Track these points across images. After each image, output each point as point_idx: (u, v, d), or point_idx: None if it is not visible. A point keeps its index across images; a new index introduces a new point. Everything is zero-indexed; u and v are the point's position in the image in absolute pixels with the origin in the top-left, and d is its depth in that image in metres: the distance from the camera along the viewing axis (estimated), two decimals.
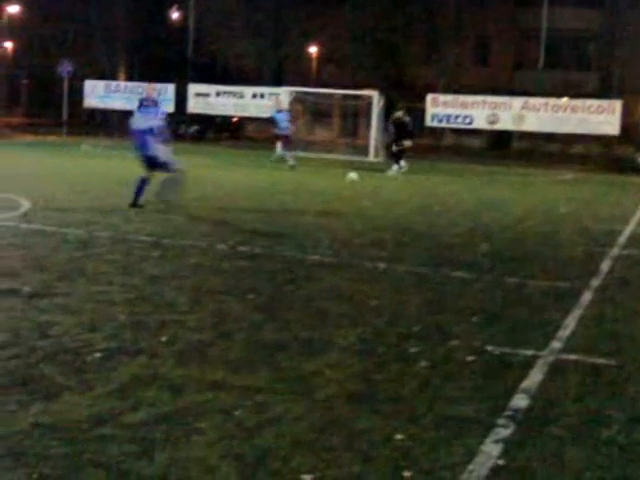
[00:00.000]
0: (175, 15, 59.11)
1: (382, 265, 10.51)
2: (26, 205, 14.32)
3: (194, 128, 45.83)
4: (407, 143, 28.52)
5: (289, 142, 29.13)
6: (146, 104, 15.55)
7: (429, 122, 40.81)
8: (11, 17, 48.34)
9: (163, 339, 6.77)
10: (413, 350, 6.85)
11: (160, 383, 5.72)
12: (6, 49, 49.88)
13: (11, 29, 48.69)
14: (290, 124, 29.15)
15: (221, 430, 4.98)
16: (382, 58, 50.16)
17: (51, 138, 39.91)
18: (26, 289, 8.24)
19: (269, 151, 32.99)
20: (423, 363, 6.52)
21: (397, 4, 49.96)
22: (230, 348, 6.65)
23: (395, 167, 27.92)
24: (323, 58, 55.83)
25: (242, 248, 11.24)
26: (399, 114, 28.80)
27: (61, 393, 5.46)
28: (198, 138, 44.51)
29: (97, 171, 21.53)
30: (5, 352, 6.24)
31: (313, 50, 55.88)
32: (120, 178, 18.98)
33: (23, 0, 48.41)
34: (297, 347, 6.78)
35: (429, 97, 40.80)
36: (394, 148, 28.65)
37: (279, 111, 29.52)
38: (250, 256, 10.77)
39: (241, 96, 42.02)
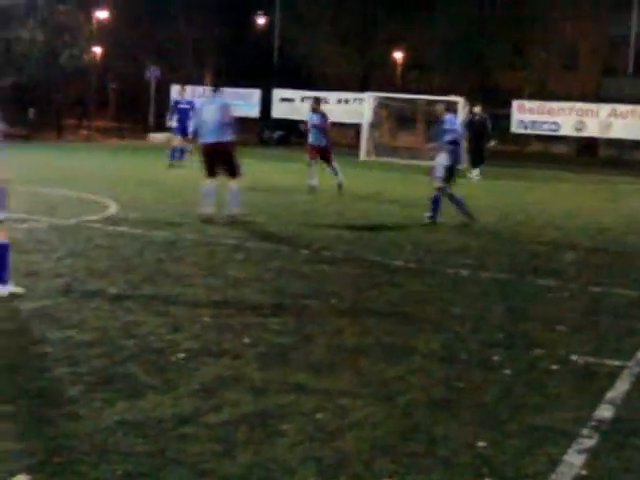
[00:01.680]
0: (261, 21, 59.60)
1: (466, 272, 10.43)
2: (113, 207, 14.58)
3: (278, 133, 46.12)
4: (493, 143, 28.34)
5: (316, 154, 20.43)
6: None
7: (515, 128, 40.38)
8: (100, 22, 49.25)
9: (246, 341, 6.82)
10: (496, 358, 6.79)
11: (243, 384, 5.77)
12: (95, 54, 50.86)
13: (100, 34, 49.62)
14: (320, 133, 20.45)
15: (303, 433, 5.01)
16: (469, 64, 49.81)
17: (138, 142, 40.55)
18: (113, 290, 8.40)
19: (353, 157, 33.02)
20: (506, 371, 6.45)
21: (485, 9, 49.64)
22: (312, 351, 6.68)
23: (476, 171, 27.34)
24: (408, 64, 55.68)
25: (325, 253, 11.27)
26: (477, 109, 28.49)
27: (145, 392, 5.55)
28: (282, 143, 44.77)
29: (182, 174, 21.78)
30: (92, 350, 6.37)
31: (398, 56, 55.77)
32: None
33: (112, 5, 49.28)
34: (379, 352, 6.77)
35: (515, 103, 40.37)
36: (489, 145, 28.23)
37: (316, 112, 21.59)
38: (333, 261, 10.79)
39: (326, 102, 42.16)
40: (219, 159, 13.77)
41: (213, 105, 13.90)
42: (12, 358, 6.15)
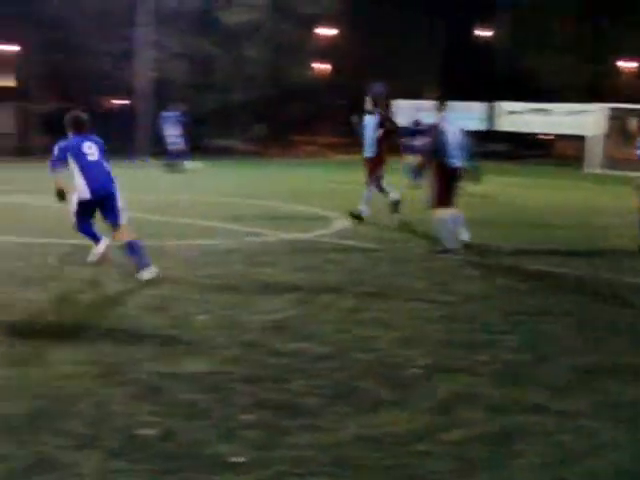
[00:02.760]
0: (483, 33, 59.08)
1: None
2: (342, 222, 14.80)
3: (502, 146, 45.51)
4: None
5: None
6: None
7: None
8: (326, 39, 50.35)
9: (480, 358, 6.75)
10: None
11: (479, 402, 5.70)
12: (322, 71, 52.08)
13: (327, 51, 50.74)
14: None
15: (542, 454, 4.89)
16: None
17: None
18: (345, 303, 8.52)
19: (579, 170, 32.17)
20: None
21: None
22: (549, 371, 6.52)
23: None
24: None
25: (556, 269, 10.99)
26: None
27: (381, 407, 5.58)
28: (507, 156, 44.15)
29: (412, 193, 21.89)
30: (329, 364, 6.48)
31: (629, 65, 53.87)
32: None
33: (338, 22, 50.24)
34: (619, 372, 6.53)
35: None
36: None
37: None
38: (565, 277, 10.52)
39: (552, 113, 41.28)
40: (456, 185, 12.28)
41: (452, 125, 12.39)
42: (251, 369, 6.34)
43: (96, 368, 6.22)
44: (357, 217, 14.99)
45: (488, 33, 58.57)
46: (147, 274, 9.42)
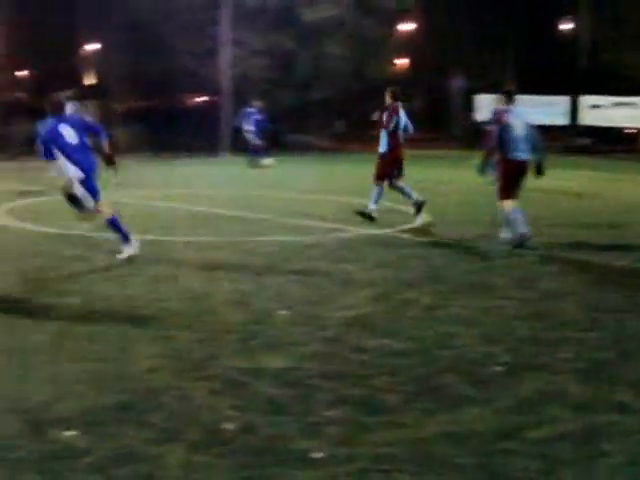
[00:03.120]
0: (565, 25, 58.22)
1: None
2: (421, 218, 14.72)
3: (584, 140, 44.82)
4: None
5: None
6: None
7: None
8: (405, 34, 50.18)
9: (563, 356, 6.64)
10: None
11: (563, 400, 5.61)
12: (401, 66, 51.95)
13: (406, 46, 50.59)
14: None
15: (628, 453, 4.79)
16: None
17: (441, 152, 40.79)
18: (425, 300, 8.47)
19: None
20: None
21: None
22: (634, 368, 6.40)
23: None
24: None
25: None
26: None
27: (463, 404, 5.53)
28: (590, 151, 43.48)
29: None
30: (410, 360, 6.44)
31: None
32: None
33: (417, 17, 50.03)
34: None
35: None
36: None
37: None
38: None
39: (637, 107, 40.54)
40: (522, 179, 12.21)
41: (519, 119, 12.29)
42: (331, 365, 6.34)
43: (178, 363, 6.28)
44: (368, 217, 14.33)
45: (570, 26, 57.64)
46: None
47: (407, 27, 50.69)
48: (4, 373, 6.01)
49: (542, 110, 33.34)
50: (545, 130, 17.55)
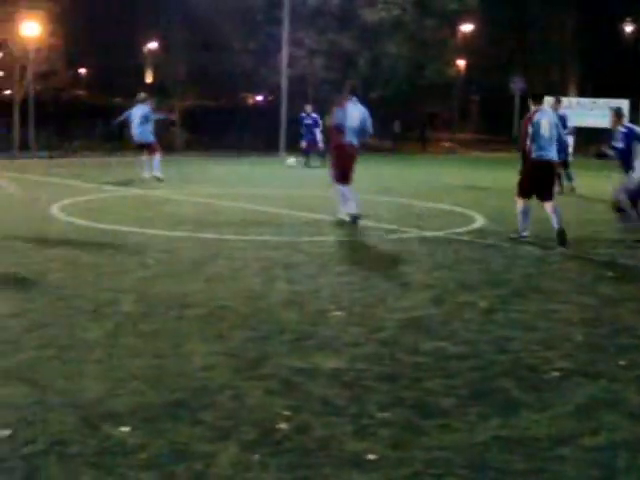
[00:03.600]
0: (629, 28, 57.50)
1: None
2: (479, 220, 14.63)
3: None
4: None
5: None
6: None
7: None
8: (465, 35, 50.01)
9: (621, 363, 6.54)
10: None
11: (620, 408, 5.52)
12: (459, 67, 51.74)
13: (465, 47, 50.41)
14: None
15: None
16: None
17: (500, 155, 40.53)
18: (483, 303, 8.40)
19: None
20: None
21: None
22: None
23: None
24: None
25: None
26: None
27: (519, 409, 5.46)
28: None
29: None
30: (465, 364, 6.39)
31: None
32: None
33: (477, 18, 49.77)
34: None
35: None
36: None
37: None
38: None
39: None
40: (542, 178, 12.31)
41: (548, 119, 12.33)
42: (386, 367, 6.31)
43: (232, 361, 6.30)
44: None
45: (632, 28, 56.92)
46: None
47: (467, 28, 50.47)
48: (60, 368, 6.06)
49: (602, 112, 32.84)
50: (603, 132, 17.36)
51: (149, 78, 52.47)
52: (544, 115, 12.39)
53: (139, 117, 21.51)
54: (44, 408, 5.24)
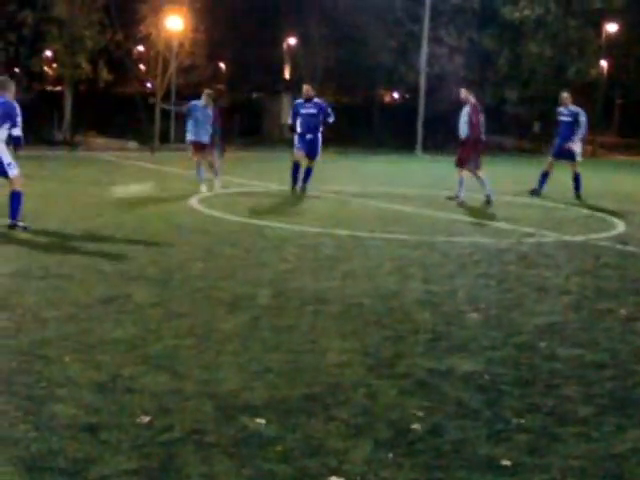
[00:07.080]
0: None
1: None
2: (621, 226, 14.26)
3: None
4: None
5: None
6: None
7: None
8: (609, 36, 48.72)
9: None
10: None
11: None
12: (602, 68, 50.44)
13: (609, 48, 49.11)
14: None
15: None
16: None
17: None
18: (623, 311, 8.19)
19: None
20: None
21: None
22: None
23: None
24: None
25: None
26: None
27: None
28: None
29: None
30: (603, 373, 6.24)
31: None
32: None
33: (622, 18, 48.40)
34: None
35: None
36: None
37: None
38: None
39: None
40: None
41: None
42: (522, 371, 6.22)
43: (367, 359, 6.32)
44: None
45: None
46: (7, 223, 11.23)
47: (611, 28, 49.14)
48: (198, 358, 6.20)
49: None
50: None
51: (287, 74, 52.95)
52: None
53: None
54: (182, 397, 5.37)
